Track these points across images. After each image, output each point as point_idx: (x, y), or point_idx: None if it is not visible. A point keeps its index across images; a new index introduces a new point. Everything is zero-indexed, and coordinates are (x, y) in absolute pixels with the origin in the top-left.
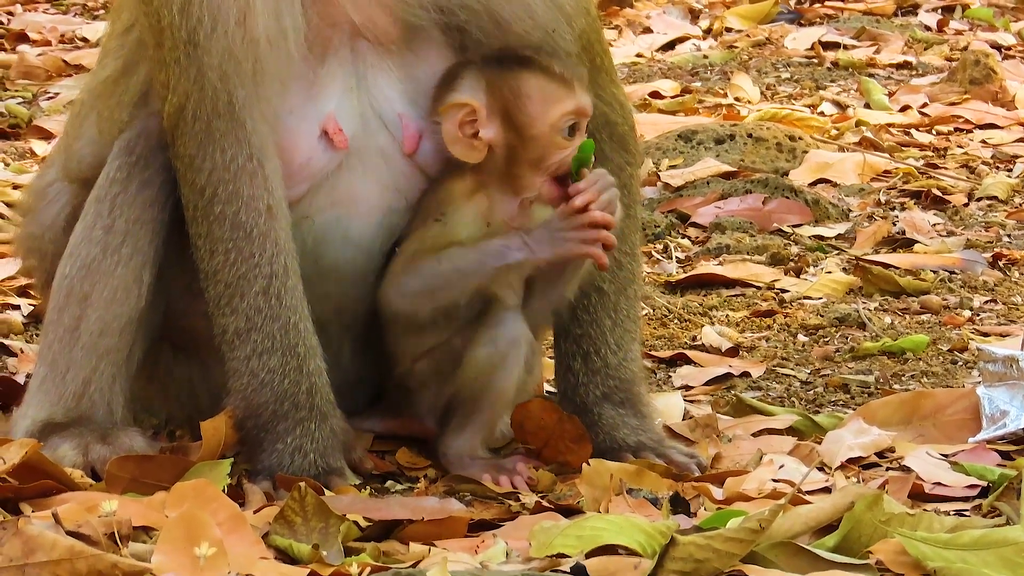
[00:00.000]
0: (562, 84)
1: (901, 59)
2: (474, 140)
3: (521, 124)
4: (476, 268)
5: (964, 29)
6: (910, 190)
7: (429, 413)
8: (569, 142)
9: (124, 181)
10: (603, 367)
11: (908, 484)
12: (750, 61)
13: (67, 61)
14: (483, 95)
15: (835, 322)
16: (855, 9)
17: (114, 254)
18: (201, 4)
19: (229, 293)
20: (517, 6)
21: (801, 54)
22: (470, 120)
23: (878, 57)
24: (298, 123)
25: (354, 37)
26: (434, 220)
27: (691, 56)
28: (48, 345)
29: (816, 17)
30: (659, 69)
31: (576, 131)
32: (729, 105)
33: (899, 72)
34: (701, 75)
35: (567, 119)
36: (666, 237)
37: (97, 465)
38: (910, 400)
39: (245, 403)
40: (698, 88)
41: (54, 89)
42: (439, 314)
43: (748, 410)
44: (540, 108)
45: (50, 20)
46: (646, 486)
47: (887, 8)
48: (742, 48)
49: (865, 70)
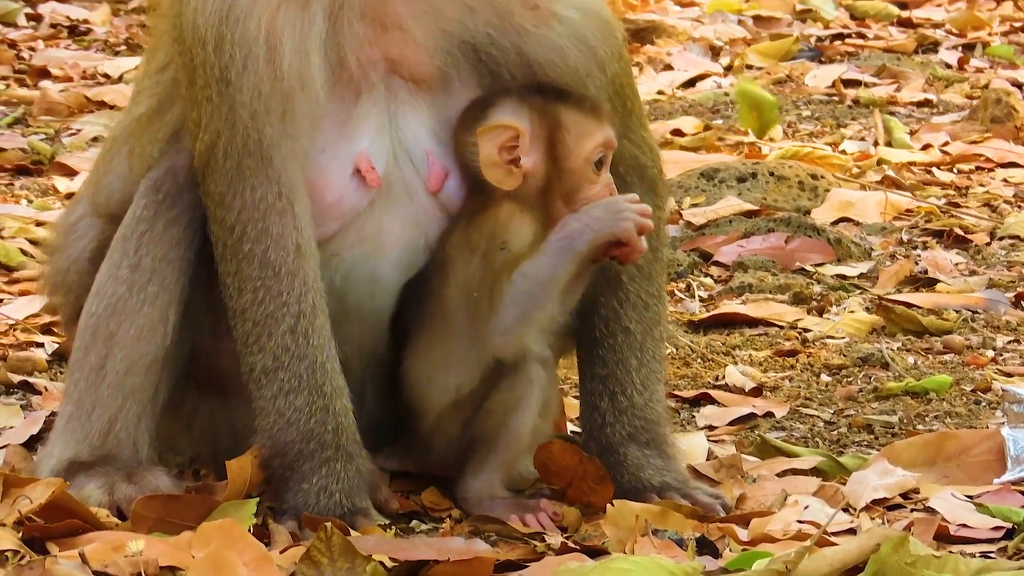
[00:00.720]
0: (593, 117)
1: (922, 97)
2: (512, 166)
3: (559, 155)
4: (554, 271)
5: (985, 67)
6: (932, 229)
7: (447, 455)
8: (598, 176)
9: (151, 219)
10: (629, 407)
11: (933, 526)
12: None
13: (89, 97)
14: (527, 121)
15: (858, 362)
16: (875, 47)
17: (140, 293)
18: (233, 43)
19: (257, 331)
20: (550, 50)
21: (822, 92)
22: (511, 145)
23: (899, 95)
24: (330, 161)
25: (389, 75)
26: (499, 249)
27: (712, 93)
28: (74, 383)
29: (837, 55)
30: (680, 106)
31: (603, 164)
32: (751, 143)
33: (920, 110)
34: (722, 112)
35: (598, 152)
36: (689, 276)
37: (123, 504)
38: (934, 441)
39: (271, 442)
40: (719, 125)
41: (76, 125)
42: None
43: (772, 450)
44: (576, 141)
45: (72, 56)
46: (671, 527)
47: (908, 46)
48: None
49: (886, 108)
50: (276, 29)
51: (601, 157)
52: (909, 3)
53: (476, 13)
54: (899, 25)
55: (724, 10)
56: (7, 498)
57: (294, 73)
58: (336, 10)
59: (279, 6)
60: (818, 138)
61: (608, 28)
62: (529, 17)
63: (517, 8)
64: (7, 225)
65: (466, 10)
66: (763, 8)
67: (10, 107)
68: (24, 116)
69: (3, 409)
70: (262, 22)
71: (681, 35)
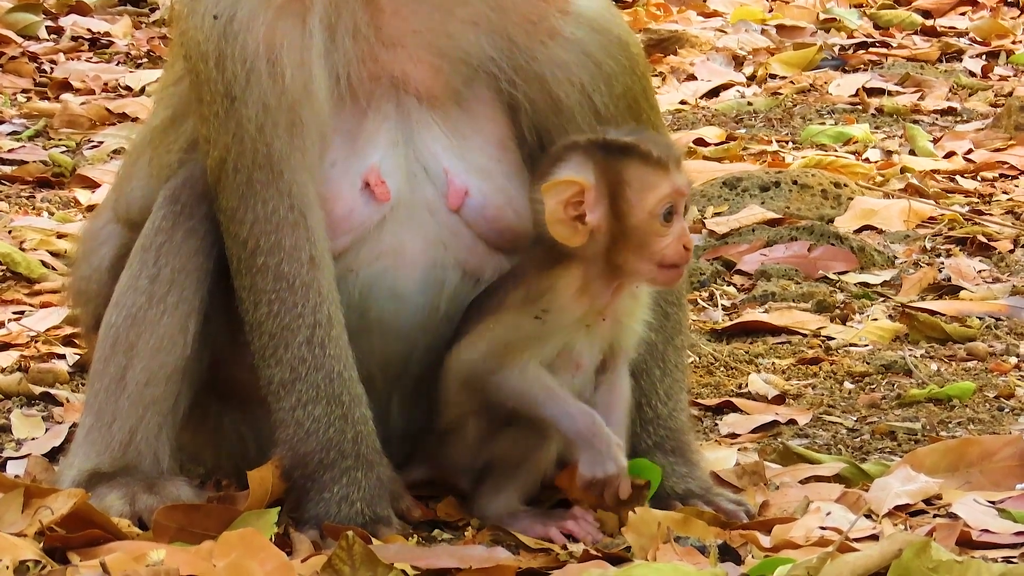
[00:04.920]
0: (658, 168)
1: (945, 105)
2: (578, 223)
3: (622, 211)
4: (541, 406)
5: (1008, 75)
6: (955, 236)
7: (465, 470)
8: (667, 227)
9: (169, 230)
10: (654, 417)
11: (956, 531)
12: (794, 108)
13: (110, 110)
14: (592, 176)
15: (881, 369)
16: (899, 55)
17: (160, 303)
18: (234, 59)
19: (273, 344)
20: (555, 66)
21: (845, 100)
22: (576, 201)
23: (922, 103)
24: (340, 175)
25: (399, 91)
26: (534, 317)
27: (735, 103)
28: (94, 394)
29: (860, 63)
30: (703, 116)
31: (674, 214)
32: (774, 152)
33: (944, 118)
34: (745, 122)
35: (664, 204)
36: (712, 285)
37: (144, 514)
38: (957, 447)
39: (291, 453)
40: (743, 135)
41: (98, 138)
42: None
43: (795, 458)
44: (638, 195)
45: (93, 69)
46: (693, 534)
47: (931, 54)
48: (786, 95)
49: (910, 116)
50: (275, 44)
51: (669, 208)
52: (933, 12)
53: (479, 31)
54: (923, 34)
55: (747, 20)
56: (29, 509)
57: (298, 86)
58: (334, 25)
59: (276, 21)
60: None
61: (618, 44)
62: (532, 34)
63: (519, 26)
64: (28, 237)
65: (469, 27)
66: (786, 17)
67: (31, 120)
68: (45, 129)
69: (25, 420)
70: (260, 37)
71: (704, 45)
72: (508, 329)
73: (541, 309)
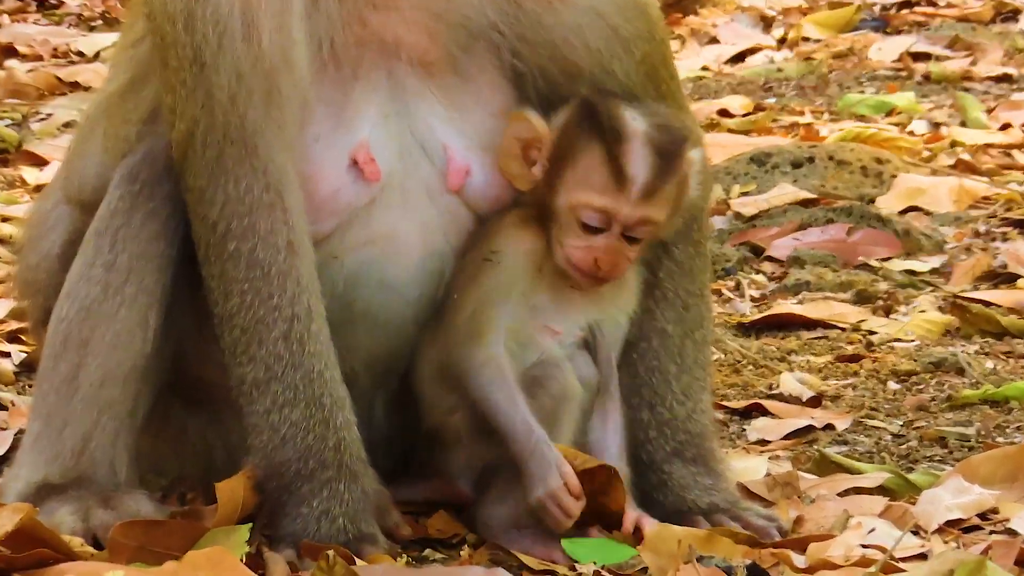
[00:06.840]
0: (615, 182)
1: (1000, 71)
2: (527, 167)
3: (555, 184)
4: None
5: None
6: (1012, 218)
7: (463, 475)
8: (583, 238)
9: (127, 212)
10: (671, 419)
11: (1014, 549)
12: (830, 74)
13: (61, 78)
14: (552, 131)
15: (930, 367)
16: (948, 15)
17: (116, 294)
18: (205, 19)
19: (246, 339)
20: (567, 30)
21: (888, 66)
22: (534, 146)
23: (974, 69)
24: (324, 151)
25: (390, 58)
26: (484, 260)
27: (764, 69)
28: (43, 397)
29: (904, 25)
30: (728, 84)
31: (601, 232)
32: (807, 124)
33: (998, 86)
34: (775, 90)
35: (588, 214)
36: (738, 273)
37: (99, 532)
38: (1015, 455)
39: (265, 462)
40: (772, 105)
41: (47, 109)
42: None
43: (833, 467)
44: (572, 183)
45: (41, 32)
46: (719, 553)
47: (984, 14)
48: (821, 60)
49: (960, 84)
50: (252, 3)
51: (594, 224)
52: None
53: None
54: None
55: None
56: None
57: (276, 51)
58: None
59: None
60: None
61: (635, 5)
62: None
63: None
64: None
65: None
66: None
67: None
68: None
69: None
70: None
71: (728, 4)
72: (469, 290)
73: (490, 250)
